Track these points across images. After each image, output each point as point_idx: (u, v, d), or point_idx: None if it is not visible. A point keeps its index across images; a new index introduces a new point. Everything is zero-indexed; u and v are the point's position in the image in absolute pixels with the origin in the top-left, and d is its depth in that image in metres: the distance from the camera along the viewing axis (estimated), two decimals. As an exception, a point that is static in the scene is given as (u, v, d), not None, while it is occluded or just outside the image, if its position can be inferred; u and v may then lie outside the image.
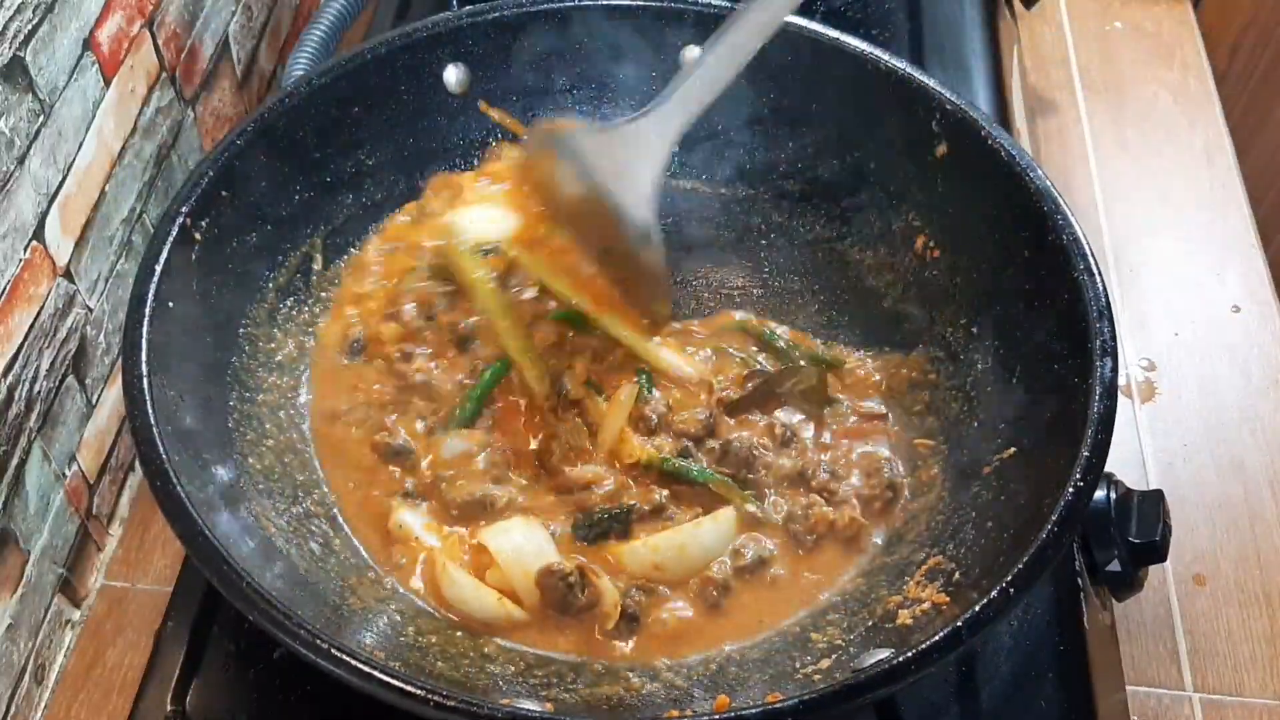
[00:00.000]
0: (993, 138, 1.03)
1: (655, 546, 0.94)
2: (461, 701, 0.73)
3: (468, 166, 1.19)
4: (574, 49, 1.18)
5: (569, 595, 0.90)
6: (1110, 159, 1.48)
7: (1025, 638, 0.94)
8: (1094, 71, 1.59)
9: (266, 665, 0.91)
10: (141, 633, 1.06)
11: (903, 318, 1.11)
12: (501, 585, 0.92)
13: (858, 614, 0.92)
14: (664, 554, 0.94)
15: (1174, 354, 1.29)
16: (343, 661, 0.74)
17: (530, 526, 0.94)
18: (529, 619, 0.91)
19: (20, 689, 1.00)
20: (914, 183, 1.09)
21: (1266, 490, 1.18)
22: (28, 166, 0.94)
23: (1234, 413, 1.24)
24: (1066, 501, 0.81)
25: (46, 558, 1.02)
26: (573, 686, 0.88)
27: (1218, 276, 1.36)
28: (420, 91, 1.14)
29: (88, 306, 1.05)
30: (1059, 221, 0.95)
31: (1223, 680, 1.06)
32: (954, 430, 1.02)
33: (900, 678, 0.75)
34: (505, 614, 0.91)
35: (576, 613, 0.91)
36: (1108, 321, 0.91)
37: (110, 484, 1.12)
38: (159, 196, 1.16)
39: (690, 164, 1.22)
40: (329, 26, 1.22)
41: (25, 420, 0.97)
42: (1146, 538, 0.95)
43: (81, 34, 1.00)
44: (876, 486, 1.00)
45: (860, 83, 1.09)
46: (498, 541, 0.93)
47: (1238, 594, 1.11)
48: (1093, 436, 0.84)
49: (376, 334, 1.06)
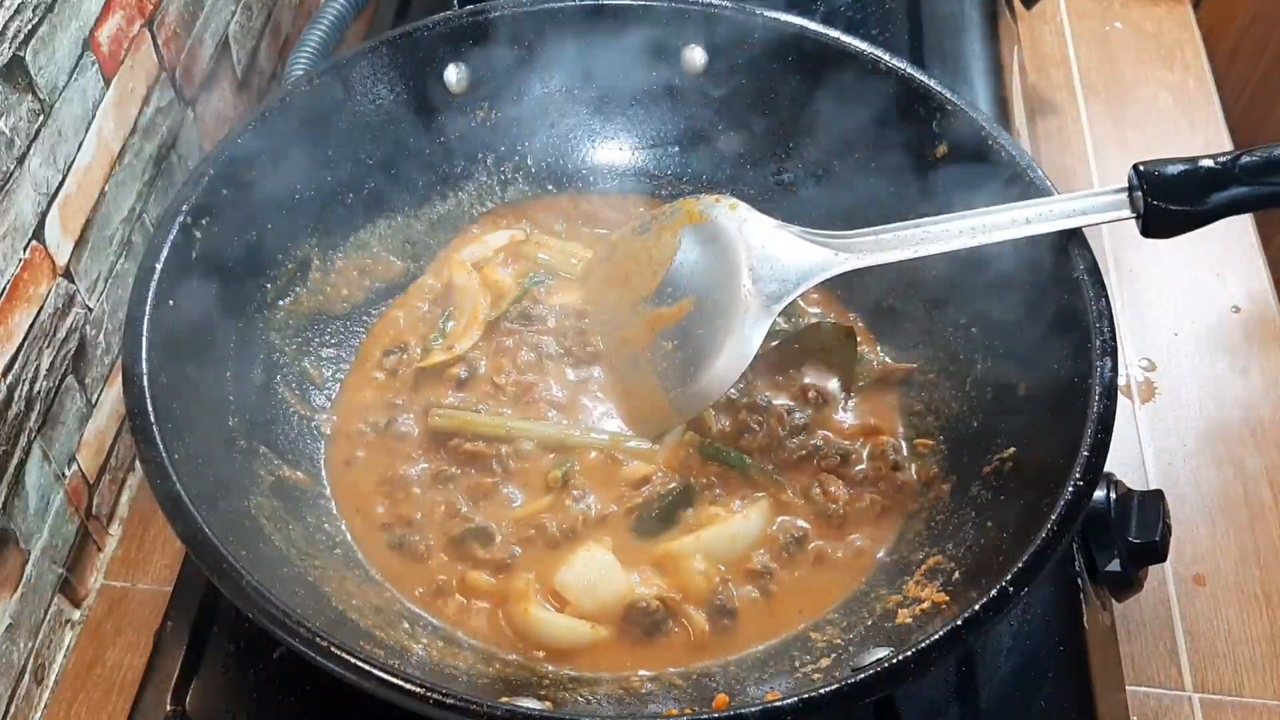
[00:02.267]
0: (993, 138, 1.03)
1: (708, 539, 0.96)
2: (461, 700, 0.73)
3: (468, 165, 1.19)
4: (575, 48, 1.18)
5: (658, 624, 0.92)
6: (1110, 159, 1.48)
7: (1025, 638, 0.94)
8: (1094, 71, 1.59)
9: (266, 665, 0.91)
10: (141, 633, 1.06)
11: (903, 317, 1.11)
12: (580, 617, 0.93)
13: (857, 613, 0.92)
14: (716, 545, 0.96)
15: (1174, 354, 1.29)
16: (342, 660, 0.74)
17: (592, 555, 0.95)
18: (615, 637, 0.93)
19: (20, 689, 1.00)
20: (914, 183, 1.09)
21: (1266, 490, 1.18)
22: (27, 166, 0.94)
23: (1234, 413, 1.24)
24: (1066, 501, 0.82)
25: (46, 558, 1.02)
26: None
27: (1218, 276, 1.36)
28: (420, 91, 1.14)
29: (87, 306, 1.05)
30: (1059, 221, 0.95)
31: (1222, 680, 1.06)
32: (954, 430, 1.03)
33: (900, 677, 0.75)
34: (595, 638, 0.92)
35: (666, 633, 0.93)
36: (1108, 321, 0.91)
37: (110, 484, 1.12)
38: (159, 196, 1.16)
39: (690, 164, 1.22)
40: (329, 26, 1.21)
41: (25, 420, 0.97)
42: (1146, 538, 0.95)
43: (81, 34, 1.00)
44: (882, 468, 1.01)
45: (860, 83, 1.09)
46: (566, 580, 0.94)
47: (1237, 594, 1.11)
48: (1092, 436, 0.84)
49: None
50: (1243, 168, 0.90)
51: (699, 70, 1.18)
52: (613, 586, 0.94)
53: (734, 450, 1.02)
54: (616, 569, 0.95)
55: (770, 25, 1.13)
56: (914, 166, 1.09)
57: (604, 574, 0.95)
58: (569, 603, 0.93)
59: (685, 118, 1.21)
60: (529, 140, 1.21)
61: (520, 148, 1.21)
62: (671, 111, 1.21)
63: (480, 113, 1.19)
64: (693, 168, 1.22)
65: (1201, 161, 0.91)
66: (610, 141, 1.22)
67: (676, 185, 1.22)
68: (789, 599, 0.95)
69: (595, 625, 0.92)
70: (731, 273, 1.02)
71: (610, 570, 0.95)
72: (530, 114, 1.20)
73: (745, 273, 1.01)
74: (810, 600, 0.95)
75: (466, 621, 0.93)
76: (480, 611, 0.94)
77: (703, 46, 1.17)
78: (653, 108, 1.21)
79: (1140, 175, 0.92)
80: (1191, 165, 0.91)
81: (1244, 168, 0.90)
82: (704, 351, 1.01)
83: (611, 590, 0.94)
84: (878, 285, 1.12)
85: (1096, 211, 0.94)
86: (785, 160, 1.18)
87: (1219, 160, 0.90)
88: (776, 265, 1.00)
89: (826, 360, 1.08)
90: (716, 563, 0.96)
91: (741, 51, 1.15)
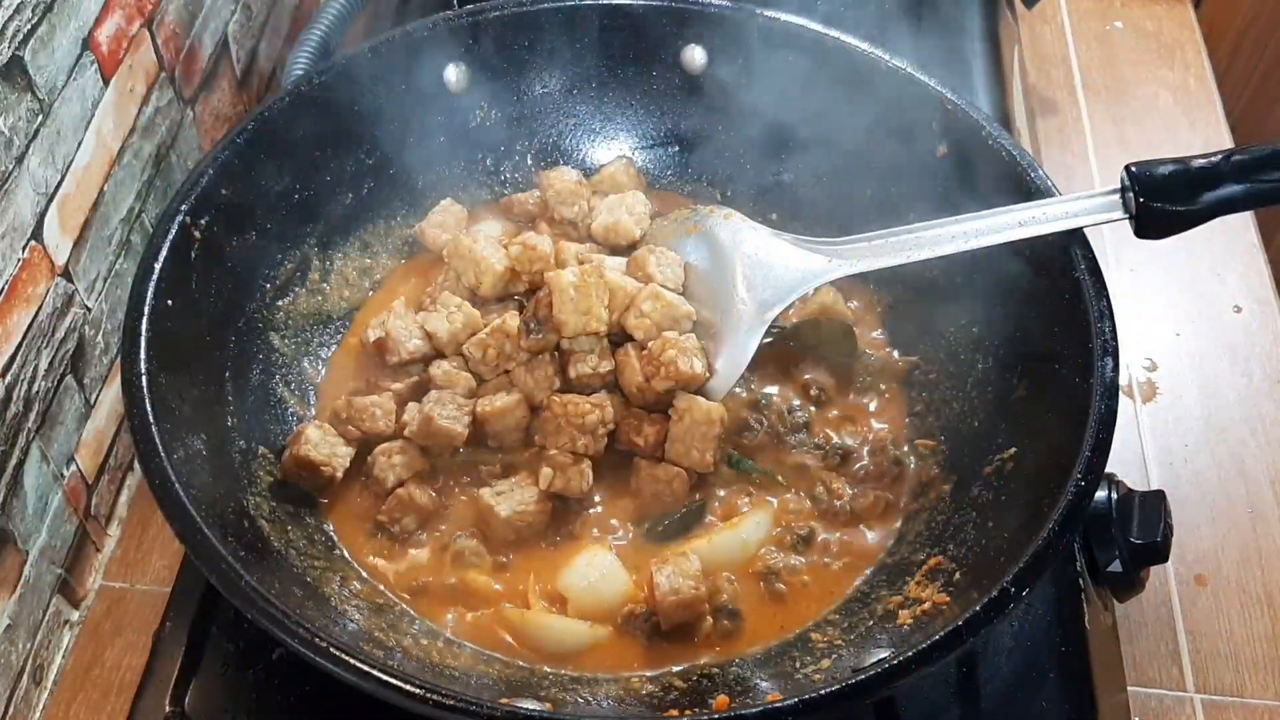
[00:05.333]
0: (993, 138, 1.03)
1: (718, 543, 0.96)
2: (461, 700, 0.73)
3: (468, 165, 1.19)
4: (574, 49, 1.17)
5: (658, 625, 0.92)
6: (1110, 158, 1.48)
7: (1026, 638, 0.94)
8: (1094, 71, 1.59)
9: (265, 665, 0.91)
10: (140, 633, 1.06)
11: (903, 317, 1.11)
12: (581, 617, 0.93)
13: (858, 614, 0.92)
14: (725, 549, 0.96)
15: (1174, 354, 1.29)
16: (342, 660, 0.74)
17: (594, 557, 0.95)
18: (616, 636, 0.93)
19: (19, 689, 1.00)
20: (913, 182, 1.09)
21: (1268, 490, 1.18)
22: (26, 166, 0.94)
23: (1235, 412, 1.24)
24: (1067, 501, 0.81)
25: (45, 558, 1.02)
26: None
27: (1218, 276, 1.35)
28: (420, 91, 1.13)
29: (86, 306, 1.05)
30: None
31: (1224, 681, 1.06)
32: (954, 430, 1.02)
33: (900, 678, 0.75)
34: (596, 638, 0.92)
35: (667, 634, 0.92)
36: (1108, 321, 0.91)
37: (109, 484, 1.12)
38: (158, 196, 1.15)
39: (690, 164, 1.22)
40: (329, 26, 1.21)
41: (23, 420, 0.97)
42: (1148, 538, 0.95)
43: (80, 34, 1.00)
44: (884, 463, 1.01)
45: (860, 82, 1.09)
46: (568, 581, 0.94)
47: (1239, 594, 1.11)
48: (1093, 436, 0.84)
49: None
50: (1234, 166, 0.90)
51: (699, 70, 1.18)
52: (614, 587, 0.94)
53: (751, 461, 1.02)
54: (618, 569, 0.95)
55: (770, 25, 1.13)
56: (914, 166, 1.08)
57: (605, 574, 0.94)
58: (569, 603, 0.93)
59: (685, 118, 1.21)
60: (529, 140, 1.21)
61: (520, 147, 1.21)
62: (671, 111, 1.21)
63: (480, 113, 1.18)
64: (692, 168, 1.22)
65: (1193, 161, 0.91)
66: (610, 141, 1.22)
67: (676, 185, 1.22)
68: (792, 599, 0.95)
69: (595, 625, 0.92)
70: (726, 282, 1.03)
71: (612, 570, 0.95)
72: (530, 114, 1.20)
73: (740, 281, 1.02)
74: (812, 600, 0.95)
75: (465, 622, 0.93)
76: (480, 612, 0.94)
77: (703, 46, 1.17)
78: (652, 108, 1.21)
79: (1132, 176, 0.92)
80: (1183, 165, 0.91)
81: (1235, 166, 0.90)
82: None
83: (613, 591, 0.94)
84: (878, 285, 1.12)
85: (1089, 213, 0.94)
86: (785, 160, 1.18)
87: (1210, 159, 0.90)
88: (770, 273, 1.01)
89: (826, 357, 1.08)
90: (723, 566, 0.96)
91: (741, 51, 1.15)
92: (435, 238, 1.14)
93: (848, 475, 1.01)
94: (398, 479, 0.98)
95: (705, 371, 0.99)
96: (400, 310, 1.06)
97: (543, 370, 1.00)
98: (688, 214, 1.12)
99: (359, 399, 1.01)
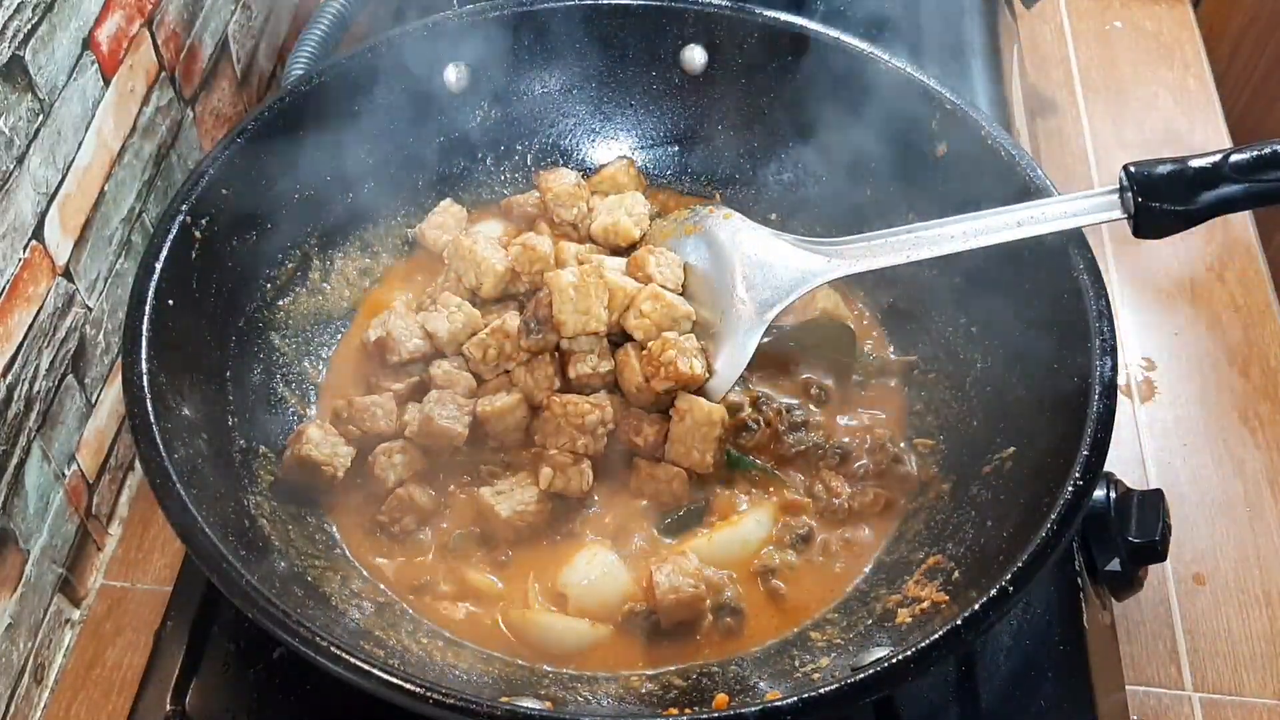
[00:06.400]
0: (992, 137, 1.03)
1: (719, 542, 0.97)
2: (461, 699, 0.73)
3: (468, 165, 1.19)
4: (574, 48, 1.18)
5: (659, 624, 0.92)
6: (1110, 158, 1.48)
7: (1025, 637, 0.94)
8: (1093, 71, 1.59)
9: (266, 665, 0.91)
10: (141, 632, 1.06)
11: (903, 316, 1.11)
12: (582, 616, 0.93)
13: (857, 613, 0.92)
14: (727, 547, 0.97)
15: (1174, 354, 1.29)
16: (342, 660, 0.74)
17: (594, 556, 0.96)
18: (616, 635, 0.93)
19: (20, 689, 1.00)
20: (914, 182, 1.09)
21: (1266, 490, 1.18)
22: (27, 166, 0.94)
23: (1234, 412, 1.24)
24: (1066, 501, 0.82)
25: (46, 557, 1.02)
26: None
27: (1217, 276, 1.36)
28: (420, 91, 1.14)
29: (87, 306, 1.05)
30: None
31: (1222, 680, 1.06)
32: (954, 430, 1.03)
33: (899, 677, 0.75)
34: (596, 637, 0.92)
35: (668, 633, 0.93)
36: (1108, 321, 0.91)
37: (110, 483, 1.12)
38: (158, 196, 1.15)
39: (690, 164, 1.22)
40: (329, 26, 1.21)
41: (25, 420, 0.97)
42: (1146, 537, 0.95)
43: (81, 33, 1.00)
44: (883, 461, 1.01)
45: (860, 82, 1.09)
46: (569, 579, 0.94)
47: (1237, 593, 1.11)
48: (1092, 436, 0.84)
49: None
50: (1232, 166, 0.90)
51: (699, 70, 1.18)
52: (614, 586, 0.94)
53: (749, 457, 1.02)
54: (618, 568, 0.95)
55: (770, 25, 1.13)
56: (914, 166, 1.09)
57: (605, 573, 0.95)
58: (569, 602, 0.93)
59: (685, 118, 1.21)
60: (529, 140, 1.21)
61: (520, 147, 1.21)
62: (671, 111, 1.21)
63: (480, 113, 1.19)
64: (692, 167, 1.22)
65: (1191, 161, 0.91)
66: (610, 141, 1.22)
67: (676, 185, 1.22)
68: (792, 598, 0.95)
69: (595, 624, 0.92)
70: (726, 282, 1.03)
71: (612, 569, 0.95)
72: (530, 114, 1.20)
73: (739, 281, 1.02)
74: (811, 599, 0.95)
75: (466, 621, 0.93)
76: (480, 611, 0.94)
77: (703, 46, 1.17)
78: (652, 108, 1.21)
79: (1130, 176, 0.92)
80: (1181, 165, 0.91)
81: (1233, 166, 0.90)
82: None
83: (613, 589, 0.94)
84: (877, 285, 1.12)
85: (1088, 213, 0.94)
86: (785, 160, 1.18)
87: (1208, 159, 0.91)
88: (769, 273, 1.02)
89: (825, 357, 1.08)
90: (723, 564, 0.96)
91: (741, 51, 1.15)
92: (435, 238, 1.14)
93: (847, 474, 1.01)
94: (398, 479, 0.98)
95: (705, 372, 1.00)
96: (401, 310, 1.06)
97: (543, 370, 1.00)
98: (687, 214, 1.12)
99: (359, 399, 1.01)
